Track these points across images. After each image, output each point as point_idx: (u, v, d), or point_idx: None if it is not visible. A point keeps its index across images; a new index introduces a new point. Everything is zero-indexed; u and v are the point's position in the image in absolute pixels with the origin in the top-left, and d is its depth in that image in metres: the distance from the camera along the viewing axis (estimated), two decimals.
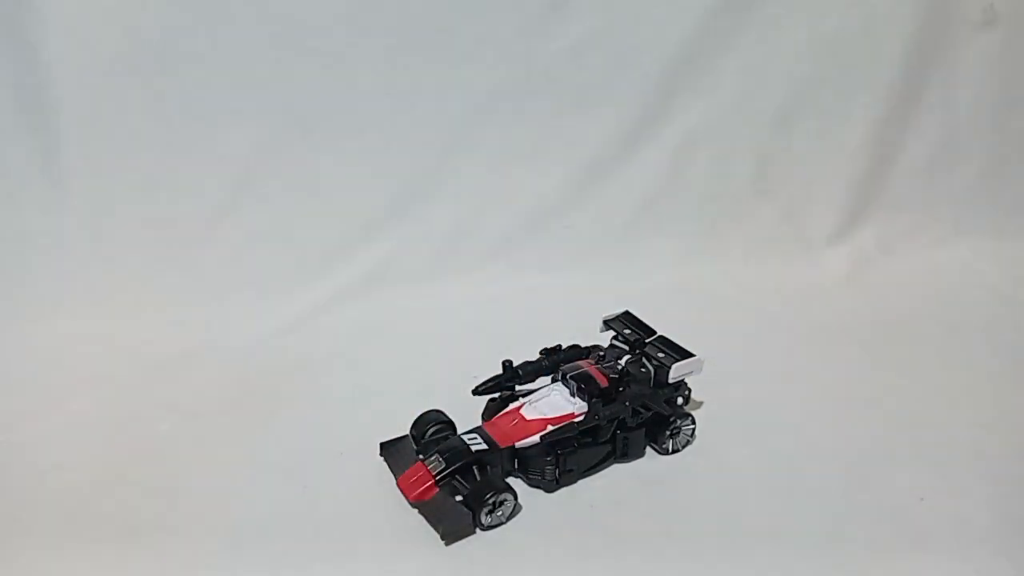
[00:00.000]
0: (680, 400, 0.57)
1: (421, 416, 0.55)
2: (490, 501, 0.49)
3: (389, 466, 0.54)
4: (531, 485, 0.53)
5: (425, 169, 0.81)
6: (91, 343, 0.68)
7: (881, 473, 0.55)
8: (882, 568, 0.47)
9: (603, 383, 0.53)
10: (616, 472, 0.54)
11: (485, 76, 0.79)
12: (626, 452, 0.55)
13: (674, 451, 0.56)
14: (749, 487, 0.53)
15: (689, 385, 0.59)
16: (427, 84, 0.78)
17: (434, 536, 0.49)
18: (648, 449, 0.56)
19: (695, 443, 0.57)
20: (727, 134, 0.85)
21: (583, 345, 0.60)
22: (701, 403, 0.62)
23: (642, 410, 0.54)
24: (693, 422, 0.57)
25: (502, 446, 0.52)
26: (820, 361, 0.69)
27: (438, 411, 0.56)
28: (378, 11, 0.75)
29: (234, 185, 0.78)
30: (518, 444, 0.52)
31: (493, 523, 0.49)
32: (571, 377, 0.54)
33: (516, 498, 0.50)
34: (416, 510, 0.50)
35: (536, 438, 0.52)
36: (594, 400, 0.53)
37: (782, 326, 0.75)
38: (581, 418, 0.53)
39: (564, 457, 0.52)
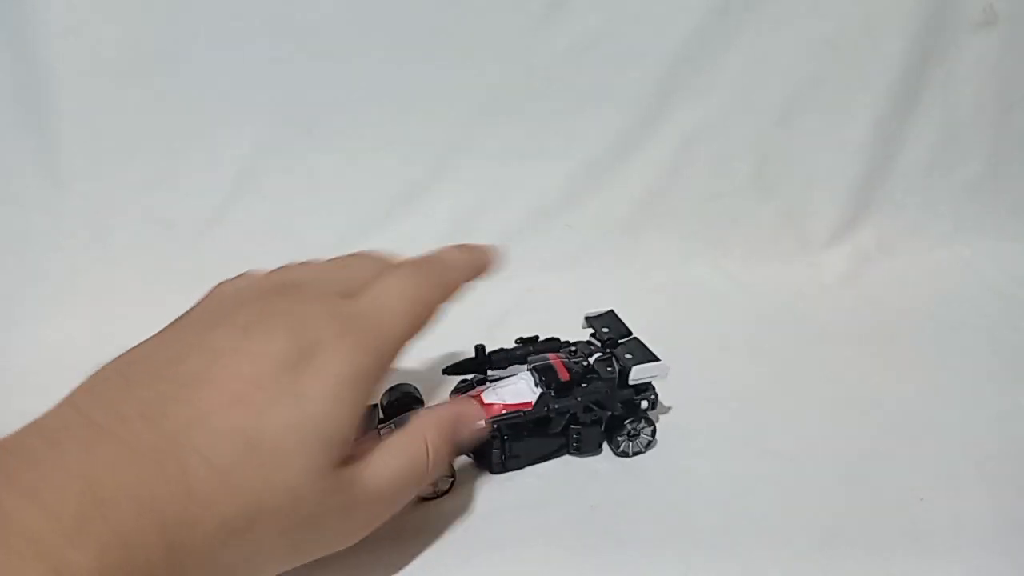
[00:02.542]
0: (645, 404, 0.57)
1: (392, 387, 0.58)
2: None
3: None
4: (478, 465, 0.55)
5: (425, 169, 0.81)
6: (91, 343, 0.68)
7: (881, 473, 0.55)
8: (882, 568, 0.47)
9: (564, 376, 0.54)
10: (616, 472, 0.54)
11: (485, 76, 0.79)
12: (579, 447, 0.55)
13: (623, 453, 0.56)
14: (749, 487, 0.53)
15: (661, 388, 0.58)
16: (427, 84, 0.78)
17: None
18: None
19: (694, 443, 0.57)
20: (727, 134, 0.85)
21: (571, 340, 0.60)
22: (701, 402, 0.62)
23: (594, 407, 0.54)
24: (653, 429, 0.56)
25: None
26: (819, 361, 0.69)
27: (409, 385, 0.58)
28: (378, 11, 0.75)
29: (234, 185, 0.78)
30: None
31: (428, 495, 0.51)
32: (534, 367, 0.55)
33: (454, 475, 0.52)
34: None
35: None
36: (543, 392, 0.53)
37: (782, 326, 0.75)
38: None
39: (510, 442, 0.53)
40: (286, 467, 0.36)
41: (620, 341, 0.58)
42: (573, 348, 0.59)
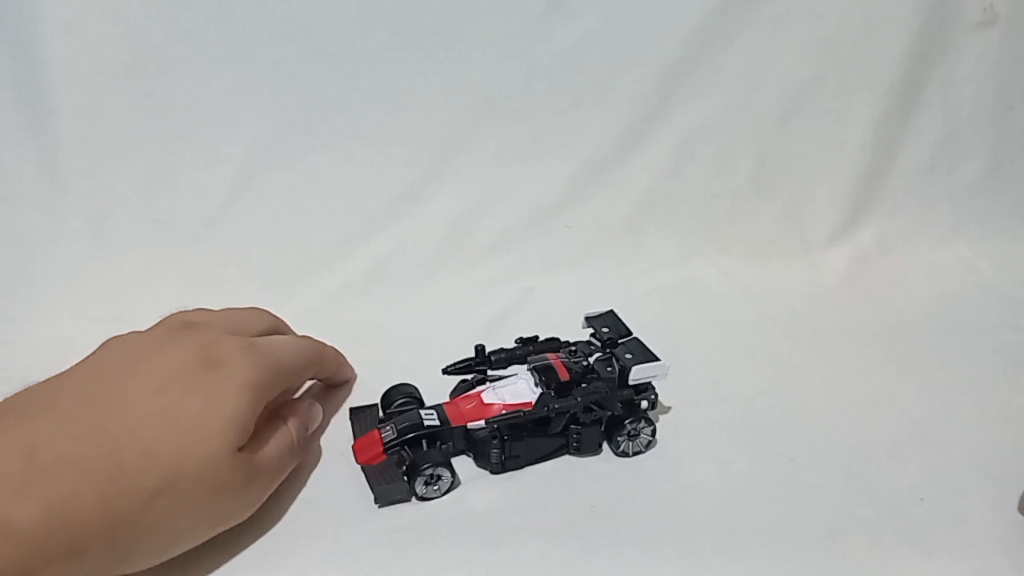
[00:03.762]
0: (645, 404, 0.57)
1: (392, 387, 0.59)
2: (426, 472, 0.51)
3: (352, 428, 0.57)
4: (479, 466, 0.55)
5: (425, 169, 0.81)
6: (91, 343, 0.68)
7: (881, 473, 0.55)
8: (882, 568, 0.47)
9: (564, 376, 0.54)
10: (616, 472, 0.54)
11: (485, 75, 0.79)
12: (578, 447, 0.55)
13: (623, 453, 0.56)
14: (749, 487, 0.53)
15: (661, 388, 0.58)
16: (427, 84, 0.78)
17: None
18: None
19: (694, 443, 0.57)
20: (727, 134, 0.85)
21: (571, 340, 0.60)
22: (701, 403, 0.62)
23: (595, 407, 0.54)
24: (653, 429, 0.56)
25: (453, 424, 0.54)
26: (819, 361, 0.69)
27: (409, 385, 0.59)
28: (378, 11, 0.75)
29: (234, 185, 0.78)
30: (469, 425, 0.54)
31: (429, 495, 0.51)
32: (534, 367, 0.55)
33: (454, 475, 0.52)
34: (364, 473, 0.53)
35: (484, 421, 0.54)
36: (543, 392, 0.53)
37: (782, 326, 0.75)
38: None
39: (510, 443, 0.53)
40: (201, 442, 0.43)
41: (620, 341, 0.58)
42: (573, 348, 0.59)
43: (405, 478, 0.51)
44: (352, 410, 0.59)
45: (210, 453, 0.43)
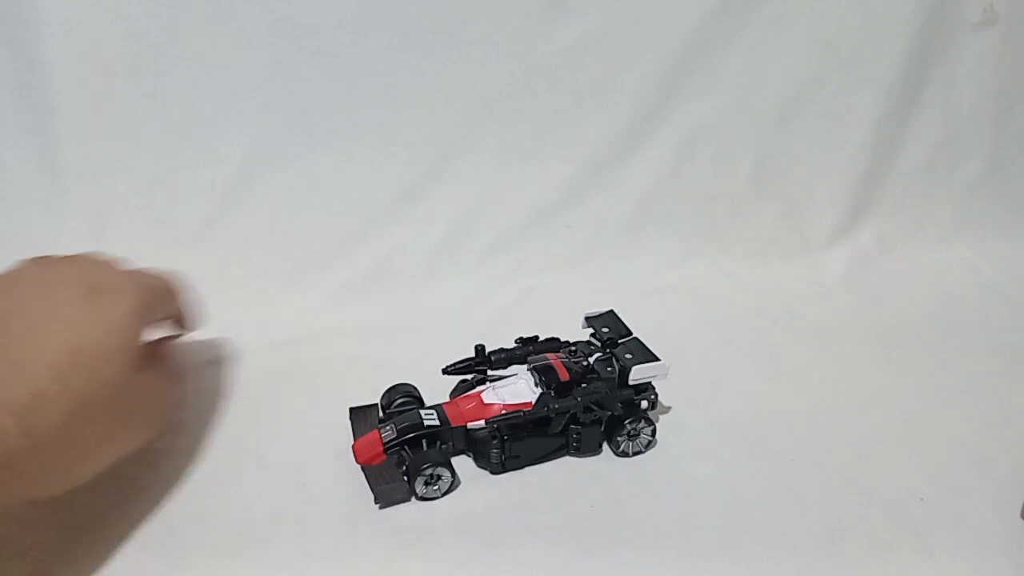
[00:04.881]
0: (645, 404, 0.57)
1: (392, 387, 0.59)
2: (426, 472, 0.51)
3: (352, 428, 0.57)
4: (479, 466, 0.55)
5: (425, 169, 0.81)
6: None
7: (881, 473, 0.55)
8: (882, 568, 0.47)
9: (564, 376, 0.54)
10: (616, 472, 0.54)
11: (485, 76, 0.79)
12: (579, 447, 0.55)
13: (623, 453, 0.56)
14: (749, 487, 0.53)
15: (661, 388, 0.58)
16: (427, 84, 0.78)
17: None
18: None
19: (694, 443, 0.57)
20: (727, 134, 0.85)
21: (571, 340, 0.60)
22: (701, 403, 0.62)
23: (595, 407, 0.54)
24: (653, 429, 0.56)
25: (453, 424, 0.54)
26: (819, 361, 0.69)
27: (409, 385, 0.59)
28: (378, 11, 0.75)
29: (234, 185, 0.78)
30: (469, 425, 0.54)
31: (429, 495, 0.51)
32: (534, 367, 0.55)
33: (454, 475, 0.52)
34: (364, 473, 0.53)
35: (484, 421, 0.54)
36: (543, 392, 0.53)
37: (782, 326, 0.76)
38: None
39: (510, 443, 0.53)
40: (107, 366, 0.46)
41: (620, 341, 0.58)
42: (573, 348, 0.59)
43: (405, 478, 0.51)
44: (352, 410, 0.59)
45: (115, 376, 0.46)
